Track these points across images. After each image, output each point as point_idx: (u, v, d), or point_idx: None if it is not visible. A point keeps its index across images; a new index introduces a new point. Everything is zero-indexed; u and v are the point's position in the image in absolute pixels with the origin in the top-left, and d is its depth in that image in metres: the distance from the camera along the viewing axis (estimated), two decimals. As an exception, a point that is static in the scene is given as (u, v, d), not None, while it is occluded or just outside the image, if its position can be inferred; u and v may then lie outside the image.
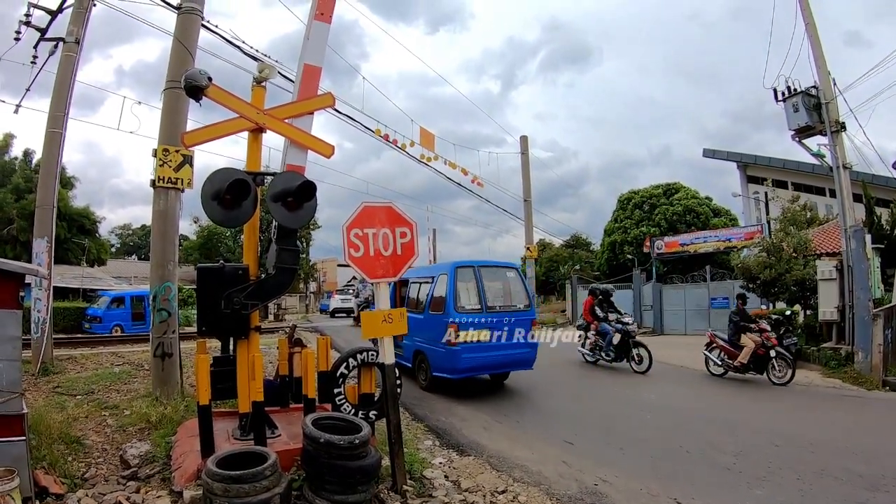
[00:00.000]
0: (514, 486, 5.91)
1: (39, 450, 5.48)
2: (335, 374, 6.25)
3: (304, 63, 6.29)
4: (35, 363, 10.40)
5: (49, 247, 11.07)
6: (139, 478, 5.57)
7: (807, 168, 29.77)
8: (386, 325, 5.54)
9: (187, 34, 9.03)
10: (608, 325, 14.58)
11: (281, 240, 5.56)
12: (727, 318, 13.51)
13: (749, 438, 7.90)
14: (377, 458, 4.96)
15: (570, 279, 35.74)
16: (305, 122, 6.18)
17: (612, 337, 14.36)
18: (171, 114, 8.76)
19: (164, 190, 8.55)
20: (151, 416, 7.13)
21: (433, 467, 6.37)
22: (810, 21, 14.21)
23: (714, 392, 11.65)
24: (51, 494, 4.79)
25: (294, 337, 6.96)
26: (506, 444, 7.56)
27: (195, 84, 5.36)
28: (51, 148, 11.49)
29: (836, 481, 6.18)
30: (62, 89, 11.41)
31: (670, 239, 31.79)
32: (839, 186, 14.08)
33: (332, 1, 6.53)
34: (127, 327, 25.08)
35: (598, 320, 14.81)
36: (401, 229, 5.77)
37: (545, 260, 54.26)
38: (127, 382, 9.75)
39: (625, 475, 6.37)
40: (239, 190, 5.16)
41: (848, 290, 13.74)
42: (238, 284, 5.37)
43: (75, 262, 36.88)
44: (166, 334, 8.49)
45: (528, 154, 30.40)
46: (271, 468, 4.27)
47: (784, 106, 14.74)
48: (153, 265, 8.70)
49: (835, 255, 17.00)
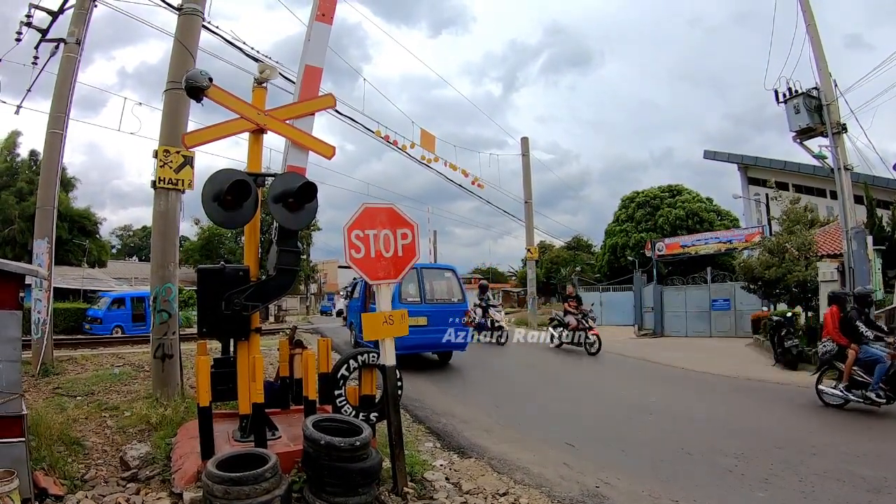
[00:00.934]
0: (516, 489, 5.89)
1: (39, 451, 5.47)
2: (336, 376, 6.23)
3: (305, 64, 6.28)
4: (35, 364, 10.39)
5: (49, 248, 11.06)
6: (139, 479, 5.56)
7: (807, 170, 29.79)
8: (387, 327, 5.53)
9: (188, 35, 9.03)
10: (878, 349, 9.41)
11: (282, 241, 5.55)
12: (726, 319, 13.48)
13: (750, 441, 7.88)
14: (378, 460, 4.94)
15: (572, 281, 35.71)
16: (307, 123, 6.17)
17: (887, 367, 9.10)
18: (172, 115, 8.75)
19: (164, 191, 8.54)
20: (151, 417, 7.12)
21: (434, 469, 6.35)
22: (811, 22, 14.24)
23: (714, 394, 11.64)
24: (50, 496, 4.77)
25: (294, 338, 6.95)
26: (507, 446, 7.53)
27: (196, 84, 5.35)
28: (52, 149, 11.48)
29: (838, 483, 6.16)
30: (63, 90, 11.41)
31: (671, 241, 31.73)
32: (840, 188, 14.10)
33: (333, 2, 6.52)
34: (127, 328, 25.09)
35: (860, 341, 9.57)
36: (402, 231, 5.76)
37: (546, 262, 54.27)
38: (127, 384, 9.73)
39: (626, 477, 6.35)
40: (240, 191, 5.15)
41: (849, 292, 13.70)
42: (239, 286, 5.37)
43: (76, 263, 36.85)
44: (167, 335, 8.48)
45: (529, 156, 30.46)
46: (272, 470, 4.26)
47: (785, 107, 14.77)
48: (154, 266, 8.68)
49: (836, 256, 17.01)
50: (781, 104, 14.81)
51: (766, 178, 28.26)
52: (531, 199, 30.26)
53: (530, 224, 30.17)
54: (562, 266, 55.76)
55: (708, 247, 29.67)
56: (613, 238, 41.33)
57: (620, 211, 42.04)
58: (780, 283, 16.77)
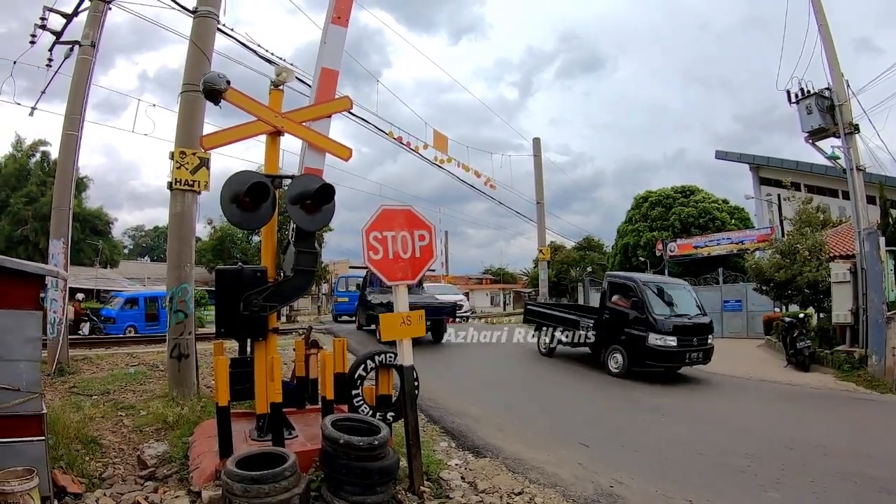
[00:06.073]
0: (531, 488, 5.91)
1: (57, 449, 5.51)
2: (353, 376, 6.27)
3: (321, 67, 6.32)
4: (51, 363, 10.47)
5: (65, 248, 11.14)
6: (157, 478, 5.62)
7: (819, 170, 29.59)
8: (405, 328, 5.56)
9: (203, 38, 9.12)
10: None
11: (299, 242, 5.60)
12: (738, 320, 13.39)
13: (762, 441, 7.90)
14: (395, 459, 4.97)
15: (583, 281, 35.65)
16: (323, 125, 6.21)
17: None
18: (188, 117, 8.84)
19: (180, 192, 8.62)
20: (168, 416, 7.19)
21: (450, 469, 6.38)
22: (823, 23, 14.15)
23: (725, 396, 11.62)
24: (69, 494, 4.83)
25: (310, 339, 6.99)
26: (521, 445, 7.55)
27: (214, 87, 5.41)
28: (67, 150, 11.61)
29: (849, 484, 6.21)
30: (78, 92, 11.53)
31: (683, 241, 31.67)
32: (853, 188, 14.01)
33: (348, 5, 6.55)
34: (140, 328, 25.19)
35: None
36: (419, 232, 5.79)
37: (557, 263, 54.12)
38: (143, 383, 9.81)
39: (640, 477, 6.37)
40: (258, 192, 5.20)
41: (862, 293, 13.64)
42: (257, 286, 5.42)
43: (88, 263, 37.11)
44: (182, 335, 8.56)
45: (541, 156, 30.46)
46: (291, 469, 4.30)
47: (797, 108, 14.67)
48: (170, 267, 8.76)
49: (848, 257, 16.87)
50: (794, 105, 14.69)
51: (777, 179, 28.11)
52: (543, 200, 30.26)
53: (542, 225, 30.18)
54: (572, 267, 55.57)
55: (720, 247, 29.61)
56: (625, 238, 41.04)
57: (633, 211, 41.67)
58: (792, 284, 16.70)
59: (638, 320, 12.90)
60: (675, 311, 13.16)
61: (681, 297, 13.89)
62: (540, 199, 30.18)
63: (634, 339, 12.83)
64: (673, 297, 13.49)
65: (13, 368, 4.42)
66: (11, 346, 4.43)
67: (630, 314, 13.14)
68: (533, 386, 12.22)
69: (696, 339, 13.06)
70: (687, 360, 12.82)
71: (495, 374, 13.86)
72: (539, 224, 30.15)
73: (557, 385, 12.46)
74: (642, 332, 12.68)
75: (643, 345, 12.56)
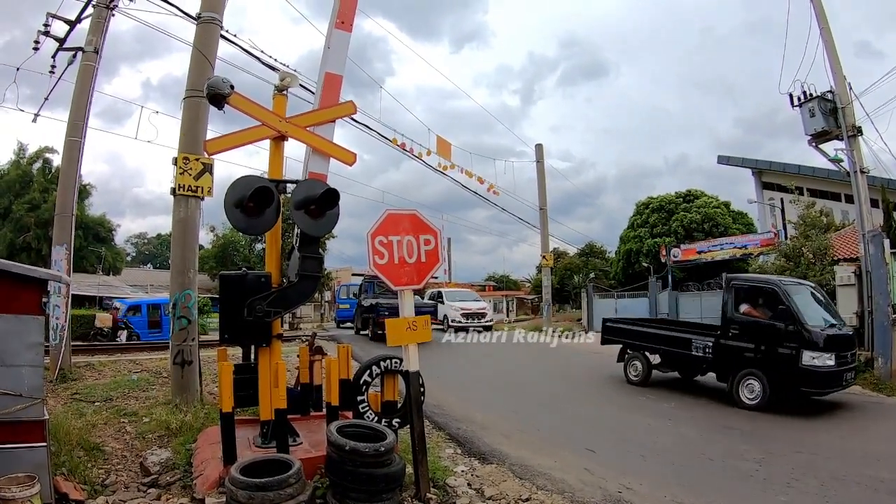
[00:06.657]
0: (538, 494, 5.86)
1: (59, 456, 5.49)
2: (359, 382, 6.23)
3: (325, 71, 6.32)
4: (53, 370, 10.45)
5: (68, 254, 11.15)
6: (160, 485, 5.59)
7: (822, 174, 29.54)
8: (410, 333, 5.52)
9: (206, 44, 9.12)
10: None
11: (304, 247, 5.57)
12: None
13: (770, 446, 7.85)
14: (401, 465, 4.94)
15: (587, 288, 35.55)
16: (327, 130, 6.20)
17: None
18: (191, 122, 8.82)
19: (184, 198, 8.59)
20: (171, 423, 7.14)
21: (456, 475, 6.33)
22: (825, 26, 14.13)
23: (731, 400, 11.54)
24: (71, 500, 4.80)
25: (315, 345, 6.96)
26: (527, 451, 7.50)
27: (218, 92, 5.39)
28: (70, 156, 11.61)
29: (858, 487, 6.19)
30: (81, 99, 11.53)
31: (687, 247, 31.51)
32: (856, 191, 13.96)
33: (352, 10, 6.56)
34: (143, 335, 25.16)
35: None
36: (425, 237, 5.76)
37: (560, 269, 53.96)
38: (145, 390, 9.76)
39: (648, 482, 6.32)
40: (262, 197, 5.18)
41: (867, 296, 13.60)
42: (261, 292, 5.39)
43: (91, 270, 37.11)
44: (186, 342, 8.52)
45: (544, 162, 30.42)
46: (296, 475, 4.26)
47: (800, 111, 14.65)
48: (173, 273, 8.73)
49: (853, 260, 16.82)
50: (796, 108, 14.66)
51: (780, 183, 28.10)
52: (546, 207, 30.23)
53: (545, 231, 30.15)
54: (575, 273, 55.45)
55: (724, 252, 29.44)
56: (628, 244, 40.84)
57: (636, 216, 41.50)
58: (796, 288, 16.61)
59: (785, 334, 10.05)
60: (826, 320, 10.68)
61: (814, 302, 11.26)
62: (543, 206, 30.14)
63: (780, 358, 10.03)
64: (810, 303, 11.02)
65: (15, 374, 4.40)
66: (14, 352, 4.41)
67: (774, 327, 10.27)
68: (537, 390, 12.14)
69: (850, 355, 10.53)
70: (843, 381, 10.33)
71: (500, 379, 13.77)
72: (542, 230, 30.11)
73: (563, 391, 12.38)
74: (792, 349, 9.92)
75: (795, 366, 9.81)
